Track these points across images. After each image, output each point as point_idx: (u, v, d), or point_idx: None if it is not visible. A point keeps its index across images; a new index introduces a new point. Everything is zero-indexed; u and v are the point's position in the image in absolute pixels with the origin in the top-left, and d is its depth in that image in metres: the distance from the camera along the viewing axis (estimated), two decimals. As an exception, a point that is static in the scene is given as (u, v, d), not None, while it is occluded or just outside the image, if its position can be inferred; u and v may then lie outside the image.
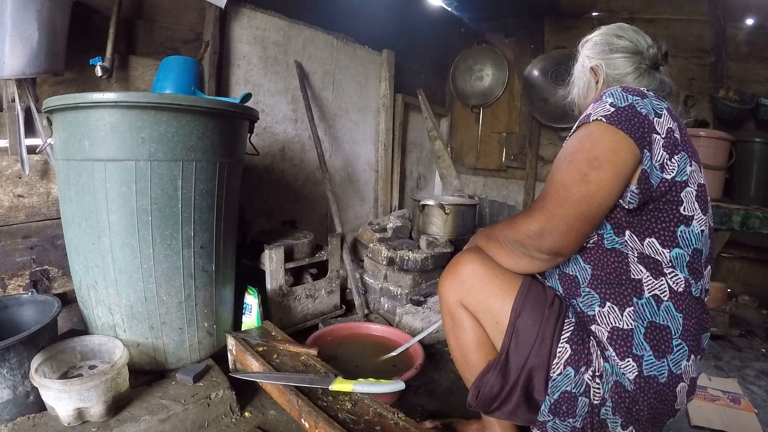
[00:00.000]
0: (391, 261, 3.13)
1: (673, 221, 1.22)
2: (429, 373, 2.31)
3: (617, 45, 1.46)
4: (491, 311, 1.36)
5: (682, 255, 1.22)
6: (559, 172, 1.22)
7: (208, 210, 1.86)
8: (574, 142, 1.25)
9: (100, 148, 1.64)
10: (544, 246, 1.20)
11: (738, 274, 3.96)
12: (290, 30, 3.29)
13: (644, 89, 1.30)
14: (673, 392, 1.20)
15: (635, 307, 1.22)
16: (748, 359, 2.75)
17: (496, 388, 1.31)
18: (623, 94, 1.24)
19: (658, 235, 1.23)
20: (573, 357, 1.24)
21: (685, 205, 1.22)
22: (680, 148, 1.22)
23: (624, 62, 1.44)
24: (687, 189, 1.22)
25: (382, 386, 1.58)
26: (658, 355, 1.19)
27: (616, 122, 1.18)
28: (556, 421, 1.26)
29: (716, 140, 3.31)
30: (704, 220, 1.25)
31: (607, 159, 1.17)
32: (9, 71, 1.83)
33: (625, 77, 1.43)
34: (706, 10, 3.91)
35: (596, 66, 1.48)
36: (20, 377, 1.57)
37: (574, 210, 1.16)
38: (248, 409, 1.91)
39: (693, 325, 1.22)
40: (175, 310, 1.85)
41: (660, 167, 1.20)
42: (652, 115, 1.22)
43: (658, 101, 1.27)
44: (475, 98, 5.08)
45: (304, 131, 3.46)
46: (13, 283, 2.05)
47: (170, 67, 2.20)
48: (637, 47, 1.45)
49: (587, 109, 1.29)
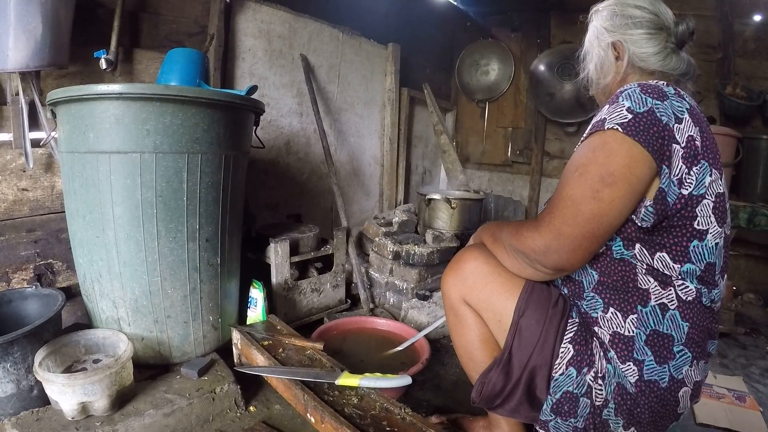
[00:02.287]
0: (397, 255, 3.12)
1: (686, 236, 1.16)
2: (435, 368, 2.30)
3: (638, 18, 1.32)
4: (494, 309, 1.36)
5: (694, 270, 1.17)
6: (569, 185, 1.16)
7: (214, 203, 1.85)
8: (587, 152, 1.16)
9: (105, 140, 1.63)
10: (548, 263, 1.18)
11: (743, 272, 3.94)
12: (295, 23, 3.27)
13: (664, 86, 1.20)
14: (675, 397, 1.18)
15: (639, 315, 1.19)
16: (753, 357, 2.73)
17: (498, 385, 1.31)
18: (642, 96, 1.14)
19: (669, 250, 1.17)
20: (575, 357, 1.23)
21: (700, 219, 1.15)
22: (701, 157, 1.14)
23: (649, 39, 1.31)
24: (703, 202, 1.15)
25: (389, 381, 1.58)
26: (660, 360, 1.17)
27: (633, 133, 1.09)
28: (558, 421, 1.25)
29: (723, 137, 3.28)
30: (719, 232, 1.18)
31: (622, 175, 1.10)
32: (13, 64, 1.82)
33: (649, 57, 1.31)
34: (713, 6, 3.88)
35: (618, 42, 1.35)
36: (24, 371, 1.57)
37: (582, 229, 1.12)
38: (253, 404, 1.91)
39: (698, 333, 1.18)
40: (180, 303, 1.85)
41: (678, 182, 1.13)
42: (673, 121, 1.13)
43: (679, 101, 1.17)
44: (481, 93, 5.06)
45: (310, 125, 3.45)
46: (17, 277, 2.05)
47: (175, 59, 2.18)
48: (662, 21, 1.32)
49: (602, 111, 1.20)
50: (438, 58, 5.05)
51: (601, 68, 1.43)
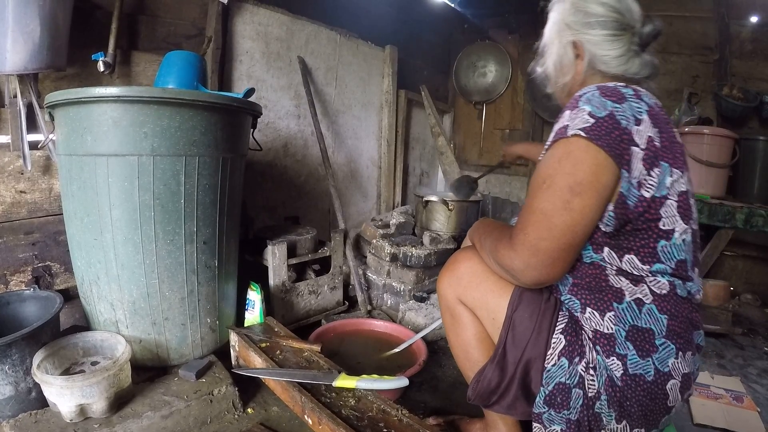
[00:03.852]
0: (394, 257, 3.12)
1: (652, 238, 1.17)
2: (432, 370, 2.30)
3: (601, 17, 1.28)
4: (488, 307, 1.36)
5: (664, 269, 1.18)
6: (537, 198, 1.15)
7: (211, 205, 1.85)
8: (553, 162, 1.16)
9: (103, 143, 1.63)
10: (528, 279, 1.17)
11: (741, 273, 3.95)
12: (293, 25, 3.28)
13: (622, 88, 1.19)
14: (663, 390, 1.18)
15: (616, 312, 1.20)
16: (750, 357, 2.74)
17: (494, 381, 1.31)
18: (602, 99, 1.14)
19: (637, 252, 1.18)
20: (567, 348, 1.23)
21: (665, 220, 1.16)
22: (661, 158, 1.15)
23: (612, 42, 1.28)
24: (667, 203, 1.16)
25: (386, 383, 1.58)
26: (642, 354, 1.17)
27: (596, 137, 1.09)
28: (552, 413, 1.24)
29: (720, 138, 3.30)
30: (686, 228, 1.19)
31: (590, 183, 1.10)
32: (11, 66, 1.83)
33: (611, 61, 1.29)
34: (710, 7, 3.90)
35: (578, 41, 1.31)
36: (22, 373, 1.57)
37: (558, 242, 1.11)
38: (251, 406, 1.91)
39: (679, 325, 1.19)
40: (178, 305, 1.85)
41: (638, 185, 1.13)
42: (632, 123, 1.13)
43: (637, 102, 1.17)
44: (478, 94, 5.07)
45: (307, 127, 3.45)
46: (15, 279, 2.05)
47: (173, 62, 2.19)
48: (626, 20, 1.28)
49: (563, 116, 1.20)
50: (435, 59, 5.06)
51: (560, 66, 1.40)
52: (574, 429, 1.23)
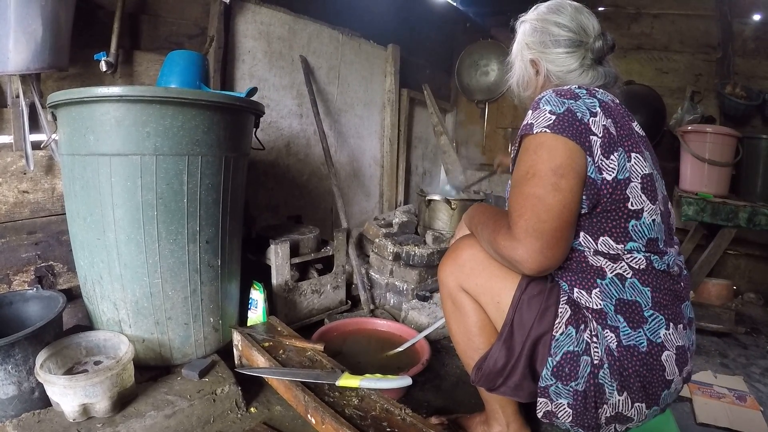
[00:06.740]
0: (397, 256, 3.12)
1: (623, 218, 1.24)
2: (435, 369, 2.30)
3: (557, 36, 1.41)
4: (492, 292, 1.37)
5: (637, 247, 1.25)
6: (527, 186, 1.21)
7: (214, 205, 1.85)
8: (530, 155, 1.24)
9: (105, 142, 1.63)
10: (533, 265, 1.17)
11: (744, 272, 3.95)
12: (295, 25, 3.28)
13: (575, 89, 1.31)
14: (658, 361, 1.23)
15: (600, 288, 1.26)
16: (753, 357, 2.73)
17: (501, 361, 1.31)
18: (558, 99, 1.25)
19: (610, 233, 1.25)
20: (573, 317, 1.26)
21: (632, 200, 1.24)
22: (617, 145, 1.23)
23: (566, 58, 1.41)
24: (631, 185, 1.24)
25: (390, 382, 1.58)
26: (633, 326, 1.23)
27: (560, 130, 1.20)
28: (559, 386, 1.26)
29: (723, 136, 3.30)
30: (653, 209, 1.26)
31: (569, 166, 1.18)
32: (13, 67, 1.82)
33: (568, 75, 1.42)
34: (712, 6, 3.90)
35: (536, 59, 1.46)
36: (25, 373, 1.57)
37: (558, 222, 1.17)
38: (254, 405, 1.91)
39: (664, 297, 1.25)
40: (181, 305, 1.85)
41: (598, 169, 1.21)
42: (588, 115, 1.23)
43: (590, 98, 1.28)
44: (481, 93, 5.06)
45: (310, 126, 3.45)
46: (18, 279, 2.05)
47: (175, 61, 2.19)
48: (580, 38, 1.40)
49: (527, 117, 1.30)
50: (438, 58, 5.05)
51: (523, 81, 1.54)
52: (580, 401, 1.25)
